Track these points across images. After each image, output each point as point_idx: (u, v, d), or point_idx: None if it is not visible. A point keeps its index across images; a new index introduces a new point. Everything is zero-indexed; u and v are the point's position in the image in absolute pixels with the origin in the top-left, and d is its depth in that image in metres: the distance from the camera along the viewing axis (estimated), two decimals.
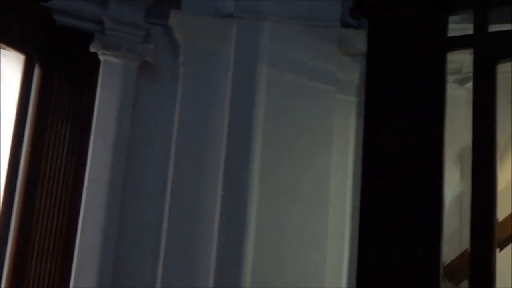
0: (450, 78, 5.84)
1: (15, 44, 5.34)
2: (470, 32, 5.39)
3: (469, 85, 5.49)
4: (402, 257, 5.18)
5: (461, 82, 6.14)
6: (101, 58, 5.59)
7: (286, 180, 5.80)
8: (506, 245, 6.00)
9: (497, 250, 5.48)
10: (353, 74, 6.14)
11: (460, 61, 5.96)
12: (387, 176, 5.36)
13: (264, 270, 5.62)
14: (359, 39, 5.90)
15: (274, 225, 5.72)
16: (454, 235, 6.02)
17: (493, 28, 5.53)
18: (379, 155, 5.39)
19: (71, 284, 5.25)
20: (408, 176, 5.26)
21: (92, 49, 5.54)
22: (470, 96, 5.32)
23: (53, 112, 5.50)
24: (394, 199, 5.26)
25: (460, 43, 5.57)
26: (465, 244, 5.39)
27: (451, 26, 5.51)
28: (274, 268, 5.63)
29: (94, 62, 5.60)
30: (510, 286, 5.57)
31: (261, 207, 5.65)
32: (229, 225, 5.58)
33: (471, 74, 5.35)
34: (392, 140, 5.37)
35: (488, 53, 5.43)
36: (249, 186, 5.64)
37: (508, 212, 5.92)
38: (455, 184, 6.12)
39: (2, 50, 5.25)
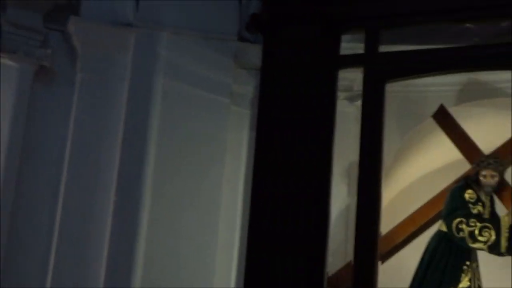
0: (341, 95, 6.20)
1: None
2: (362, 51, 5.79)
3: (359, 102, 5.83)
4: (288, 267, 5.40)
5: (351, 99, 6.46)
6: None
7: (179, 188, 6.02)
8: (388, 258, 6.38)
9: (379, 262, 5.83)
10: (248, 87, 6.44)
11: (352, 79, 6.30)
12: (277, 187, 5.57)
13: (154, 277, 5.81)
14: (255, 54, 6.18)
15: (165, 232, 5.92)
16: (340, 246, 6.31)
17: (384, 48, 5.90)
18: (270, 167, 5.62)
19: None
20: (297, 188, 5.50)
21: None
22: (360, 113, 5.70)
23: None
24: (282, 210, 5.50)
25: (351, 61, 5.93)
26: (351, 255, 5.64)
27: (345, 45, 5.85)
28: (164, 275, 5.83)
29: None
30: None
31: (153, 214, 5.84)
32: (121, 231, 5.74)
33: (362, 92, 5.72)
34: (283, 153, 5.61)
35: (377, 72, 5.80)
36: (142, 193, 5.83)
37: (392, 227, 6.36)
38: (342, 197, 6.44)
39: None
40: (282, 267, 5.36)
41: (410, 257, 6.39)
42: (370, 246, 5.54)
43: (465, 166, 6.55)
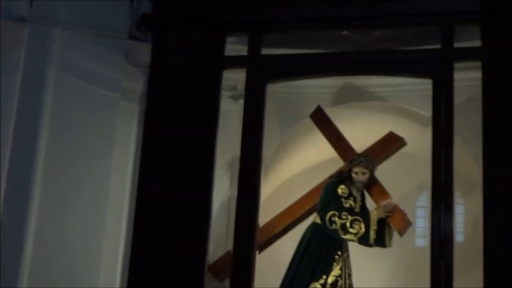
0: (225, 93, 6.60)
1: None
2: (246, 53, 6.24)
3: (242, 101, 6.26)
4: (172, 255, 5.77)
5: (235, 98, 6.82)
6: None
7: (68, 178, 6.23)
8: (266, 247, 6.79)
9: (257, 252, 6.27)
10: (137, 83, 6.73)
11: (236, 79, 6.65)
12: (162, 179, 5.93)
13: (43, 262, 6.02)
14: (145, 52, 6.47)
15: (55, 219, 6.12)
16: (222, 236, 6.66)
17: (266, 51, 6.32)
18: (156, 160, 5.96)
19: None
20: (181, 180, 5.88)
21: None
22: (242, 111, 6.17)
23: None
24: (167, 200, 5.88)
25: (235, 62, 6.33)
26: (232, 244, 6.06)
27: (230, 46, 6.27)
28: (52, 260, 6.04)
29: None
30: (269, 286, 6.38)
31: (43, 204, 6.04)
32: (11, 219, 5.91)
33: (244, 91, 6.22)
34: (168, 146, 5.98)
35: (259, 73, 6.23)
36: (32, 182, 6.01)
37: (270, 218, 6.80)
38: (225, 189, 6.80)
39: None
40: (165, 254, 5.72)
41: (287, 246, 6.70)
42: (249, 236, 5.96)
43: (339, 163, 6.94)
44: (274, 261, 6.90)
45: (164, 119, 6.04)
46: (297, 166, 7.88)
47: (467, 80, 6.48)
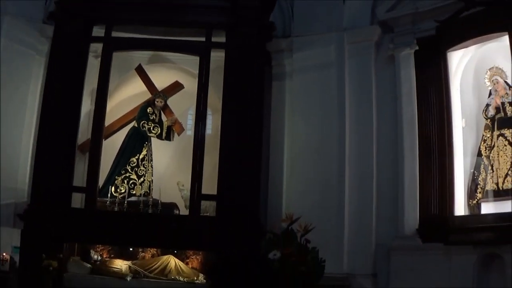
0: (91, 54, 10.00)
1: None
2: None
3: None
4: (56, 140, 9.23)
5: (97, 57, 10.10)
6: None
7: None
8: (109, 137, 10.35)
9: (104, 139, 9.91)
10: (45, 46, 10.06)
11: (97, 46, 10.00)
12: (55, 100, 9.38)
13: None
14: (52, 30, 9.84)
15: None
16: (85, 128, 10.01)
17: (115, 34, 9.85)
18: (55, 90, 9.47)
19: None
20: (60, 99, 9.33)
21: None
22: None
23: None
24: (55, 111, 9.34)
25: (97, 40, 9.90)
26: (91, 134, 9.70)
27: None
28: None
29: None
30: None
31: None
32: None
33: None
34: (59, 84, 9.47)
35: (110, 46, 9.88)
36: None
37: (112, 121, 10.44)
38: (87, 106, 10.17)
39: None
40: (52, 140, 9.23)
41: (121, 138, 10.58)
42: (99, 131, 9.57)
43: (148, 95, 10.82)
44: (114, 146, 10.58)
45: (57, 71, 9.57)
46: (126, 94, 11.30)
47: (218, 56, 9.99)
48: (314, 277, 6.69)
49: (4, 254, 8.82)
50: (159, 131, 10.84)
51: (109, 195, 9.98)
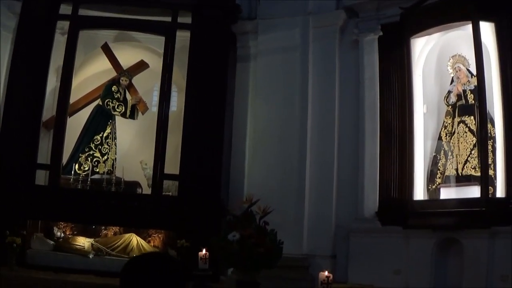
0: (58, 31, 10.12)
1: None
2: None
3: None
4: (23, 116, 9.53)
5: (63, 34, 10.21)
6: None
7: None
8: (73, 114, 10.50)
9: (68, 116, 10.03)
10: (13, 22, 9.98)
11: (64, 23, 10.14)
12: (20, 76, 9.61)
13: None
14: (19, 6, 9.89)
15: None
16: (50, 105, 10.14)
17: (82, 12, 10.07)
18: (19, 65, 9.70)
19: None
20: (30, 77, 9.55)
21: None
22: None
23: None
24: (19, 85, 9.54)
25: (64, 18, 10.02)
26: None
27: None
28: None
29: None
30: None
31: None
32: None
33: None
34: (24, 59, 9.66)
35: (75, 25, 10.03)
36: None
37: (77, 98, 10.50)
38: (53, 83, 10.31)
39: None
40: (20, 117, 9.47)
41: (85, 115, 10.68)
42: (64, 108, 9.79)
43: (114, 73, 10.86)
44: (78, 123, 10.65)
45: (24, 48, 9.74)
46: (92, 72, 11.30)
47: (183, 36, 10.26)
48: (272, 258, 6.79)
49: None
50: (124, 110, 10.89)
51: (72, 172, 10.08)
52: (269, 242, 6.78)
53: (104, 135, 10.66)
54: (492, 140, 8.55)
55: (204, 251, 7.46)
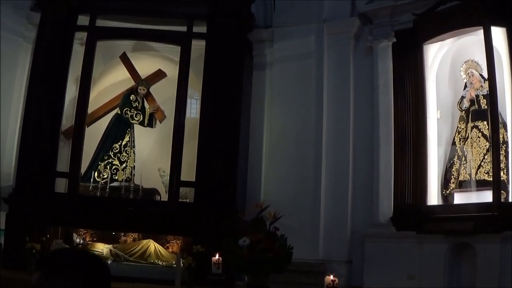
0: (77, 41, 10.24)
1: None
2: None
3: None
4: (42, 126, 9.54)
5: (82, 44, 10.34)
6: None
7: None
8: (93, 123, 10.64)
9: (86, 126, 10.09)
10: (32, 34, 10.20)
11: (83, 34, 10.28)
12: (39, 87, 9.65)
13: None
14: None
15: None
16: (70, 114, 10.20)
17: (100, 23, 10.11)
18: (39, 77, 9.80)
19: None
20: (47, 87, 9.58)
21: None
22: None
23: None
24: (39, 98, 9.59)
25: (82, 29, 10.15)
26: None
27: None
28: None
29: None
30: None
31: None
32: None
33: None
34: (44, 69, 9.68)
35: (94, 35, 10.16)
36: None
37: (97, 107, 10.59)
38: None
39: None
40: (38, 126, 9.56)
41: (104, 124, 10.74)
42: (82, 117, 9.88)
43: (132, 83, 10.94)
44: (98, 132, 10.74)
45: (43, 58, 9.82)
46: (110, 81, 11.40)
47: (201, 45, 10.30)
48: (282, 263, 6.89)
49: None
50: (142, 118, 10.98)
51: (91, 180, 10.21)
52: (279, 247, 6.84)
53: (123, 143, 10.74)
54: (505, 145, 8.57)
55: (217, 256, 7.53)
